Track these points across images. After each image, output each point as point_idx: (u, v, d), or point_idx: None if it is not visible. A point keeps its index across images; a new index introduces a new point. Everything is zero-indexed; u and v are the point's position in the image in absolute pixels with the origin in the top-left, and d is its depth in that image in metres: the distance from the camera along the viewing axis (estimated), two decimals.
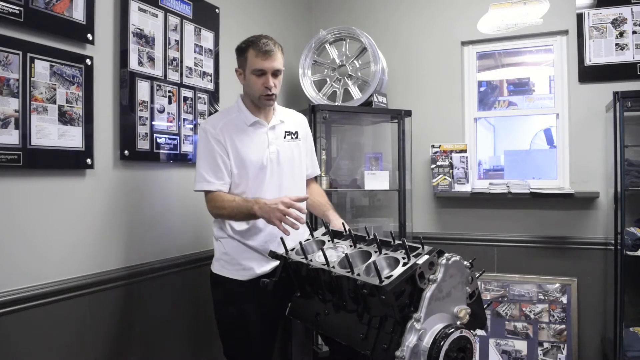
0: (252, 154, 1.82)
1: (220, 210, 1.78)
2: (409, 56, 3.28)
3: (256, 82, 1.79)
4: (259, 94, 1.80)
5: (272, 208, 1.63)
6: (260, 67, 1.77)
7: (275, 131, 1.90)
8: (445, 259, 1.21)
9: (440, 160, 3.10)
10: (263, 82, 1.78)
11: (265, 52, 1.76)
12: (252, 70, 1.78)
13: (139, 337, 2.03)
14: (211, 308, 1.90)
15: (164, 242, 2.16)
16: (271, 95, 1.81)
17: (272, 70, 1.78)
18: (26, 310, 1.58)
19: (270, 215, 1.63)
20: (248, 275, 1.81)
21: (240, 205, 1.74)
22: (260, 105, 1.85)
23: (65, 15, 1.70)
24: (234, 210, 1.75)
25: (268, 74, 1.78)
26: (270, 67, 1.77)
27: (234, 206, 1.75)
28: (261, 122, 1.86)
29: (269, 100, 1.83)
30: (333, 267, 1.34)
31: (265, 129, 1.87)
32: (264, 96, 1.80)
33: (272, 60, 1.77)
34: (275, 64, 1.79)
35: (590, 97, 2.85)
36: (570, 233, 2.92)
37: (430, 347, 1.12)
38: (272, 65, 1.78)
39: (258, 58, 1.76)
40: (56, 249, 1.71)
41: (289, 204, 1.64)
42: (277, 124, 1.90)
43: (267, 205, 1.65)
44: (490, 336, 2.96)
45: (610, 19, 2.82)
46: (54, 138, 1.67)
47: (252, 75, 1.79)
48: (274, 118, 1.90)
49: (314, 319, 1.46)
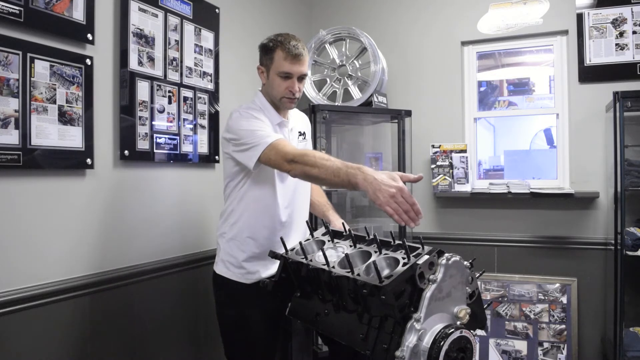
0: None
1: (310, 168, 1.47)
2: (408, 56, 3.28)
3: (280, 85, 1.73)
4: (281, 96, 1.75)
5: (382, 188, 1.31)
6: (288, 71, 1.70)
7: (293, 132, 1.88)
8: (445, 259, 1.21)
9: (440, 160, 3.10)
10: (288, 86, 1.72)
11: (295, 55, 1.69)
12: (279, 72, 1.72)
13: (139, 337, 2.03)
14: (212, 308, 1.89)
15: (164, 242, 2.16)
16: (294, 99, 1.77)
17: (299, 74, 1.73)
18: (26, 310, 1.58)
19: (380, 197, 1.31)
20: (253, 278, 1.77)
21: (337, 167, 1.43)
22: (281, 107, 1.81)
23: (65, 15, 1.70)
24: (327, 170, 1.44)
25: (294, 78, 1.72)
26: (298, 71, 1.72)
27: (330, 165, 1.44)
28: (285, 123, 1.83)
29: (291, 104, 1.78)
30: (333, 267, 1.33)
31: (287, 130, 1.84)
32: (286, 99, 1.75)
33: (300, 65, 1.72)
34: (303, 69, 1.73)
35: (590, 97, 2.85)
36: (570, 233, 2.92)
37: (430, 347, 1.12)
38: (299, 70, 1.72)
39: (286, 61, 1.69)
40: (56, 249, 1.71)
41: (412, 201, 1.31)
42: (293, 126, 1.89)
43: (375, 182, 1.32)
44: (490, 336, 2.96)
45: (610, 19, 2.82)
46: (54, 138, 1.67)
47: (277, 77, 1.73)
48: (291, 119, 1.89)
49: (314, 319, 1.46)
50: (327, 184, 1.51)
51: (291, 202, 1.82)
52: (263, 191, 1.76)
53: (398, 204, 1.29)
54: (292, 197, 1.82)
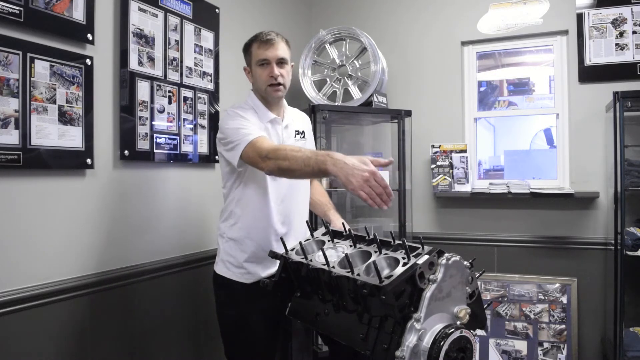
0: None
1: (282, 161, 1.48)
2: (408, 56, 3.28)
3: (262, 74, 1.77)
4: (265, 84, 1.77)
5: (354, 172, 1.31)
6: (264, 57, 1.75)
7: (288, 130, 1.89)
8: (445, 259, 1.21)
9: (440, 160, 3.10)
10: (268, 72, 1.75)
11: (267, 41, 1.75)
12: (256, 62, 1.77)
13: (138, 337, 2.03)
14: (212, 308, 1.89)
15: (164, 242, 2.16)
16: (277, 86, 1.77)
17: (276, 58, 1.76)
18: (26, 310, 1.58)
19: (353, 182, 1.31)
20: (253, 278, 1.78)
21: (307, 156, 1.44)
22: (268, 98, 1.81)
23: (65, 15, 1.70)
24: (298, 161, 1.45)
25: (272, 63, 1.75)
26: (273, 55, 1.75)
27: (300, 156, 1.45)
28: (277, 120, 1.84)
29: (277, 91, 1.78)
30: (333, 267, 1.33)
31: (281, 127, 1.85)
32: (269, 86, 1.76)
33: (274, 49, 1.75)
34: (279, 53, 1.76)
35: (590, 97, 2.85)
36: (570, 233, 2.92)
37: (430, 347, 1.12)
38: (275, 54, 1.75)
39: (260, 49, 1.76)
40: (56, 249, 1.71)
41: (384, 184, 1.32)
42: (289, 123, 1.90)
43: (346, 167, 1.33)
44: (490, 336, 2.96)
45: (610, 19, 2.82)
46: (54, 138, 1.67)
47: (258, 68, 1.78)
48: (286, 116, 1.89)
49: (314, 319, 1.46)
50: (300, 174, 1.53)
51: (285, 201, 1.82)
52: (257, 191, 1.77)
53: (372, 188, 1.30)
54: (286, 196, 1.81)
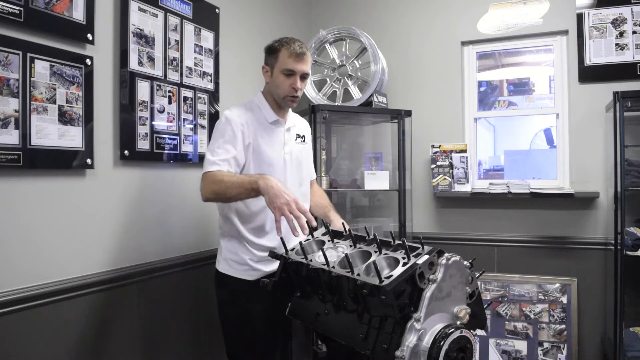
0: (271, 152, 1.83)
1: (217, 185, 1.64)
2: (408, 56, 3.28)
3: (284, 82, 1.81)
4: (284, 94, 1.83)
5: (282, 194, 1.52)
6: (292, 68, 1.79)
7: (290, 133, 1.93)
8: (445, 259, 1.21)
9: (440, 160, 3.10)
10: (291, 83, 1.81)
11: (299, 54, 1.79)
12: (282, 70, 1.80)
13: (140, 337, 2.03)
14: (213, 308, 1.90)
15: (165, 242, 2.16)
16: (296, 98, 1.84)
17: (302, 72, 1.82)
18: (26, 310, 1.58)
19: (276, 201, 1.51)
20: (257, 275, 1.80)
21: (241, 178, 1.64)
22: (282, 105, 1.87)
23: (65, 15, 1.70)
24: (233, 183, 1.62)
25: (297, 76, 1.81)
26: (300, 69, 1.81)
27: (235, 179, 1.63)
28: (280, 122, 1.89)
29: (293, 102, 1.86)
30: (333, 267, 1.33)
31: (282, 129, 1.90)
32: (289, 97, 1.83)
33: (303, 63, 1.81)
34: (306, 68, 1.83)
35: (590, 97, 2.85)
36: (570, 233, 2.92)
37: (430, 347, 1.12)
38: (302, 68, 1.81)
39: (290, 59, 1.79)
40: (56, 249, 1.71)
41: (303, 210, 1.53)
42: (291, 126, 1.94)
43: (277, 187, 1.54)
44: (490, 336, 2.96)
45: (610, 19, 2.82)
46: (54, 138, 1.67)
47: (281, 75, 1.81)
48: (289, 120, 1.94)
49: (314, 319, 1.46)
50: (233, 195, 1.65)
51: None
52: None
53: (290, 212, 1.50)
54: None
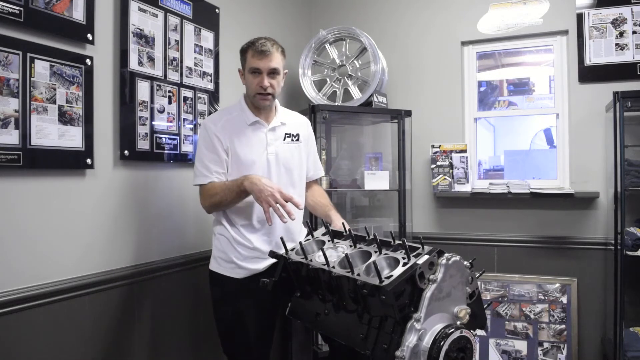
0: (250, 154, 1.83)
1: (213, 197, 1.77)
2: (408, 56, 3.28)
3: (252, 82, 1.84)
4: (254, 92, 1.84)
5: (265, 188, 1.63)
6: (256, 66, 1.81)
7: (276, 132, 1.91)
8: (445, 259, 1.21)
9: (440, 160, 3.10)
10: (258, 82, 1.82)
11: (261, 52, 1.80)
12: (249, 69, 1.83)
13: (139, 336, 2.03)
14: (210, 307, 1.90)
15: (165, 242, 2.16)
16: (266, 95, 1.83)
17: (268, 69, 1.81)
18: (26, 310, 1.58)
19: (261, 195, 1.62)
20: (243, 273, 1.82)
21: (230, 185, 1.74)
22: (256, 105, 1.88)
23: (65, 15, 1.70)
24: (225, 191, 1.74)
25: (263, 74, 1.81)
26: (265, 66, 1.81)
27: (225, 187, 1.75)
28: (261, 123, 1.88)
29: (264, 101, 1.85)
30: (333, 267, 1.34)
31: (264, 130, 1.88)
32: (258, 95, 1.84)
33: (267, 60, 1.80)
34: (272, 64, 1.82)
35: (590, 97, 2.85)
36: (570, 233, 2.92)
37: (430, 347, 1.12)
38: (267, 65, 1.81)
39: (254, 58, 1.81)
40: (56, 249, 1.71)
41: (287, 197, 1.64)
42: (277, 126, 1.92)
43: (260, 183, 1.64)
44: (490, 336, 2.96)
45: (610, 19, 2.81)
46: (54, 138, 1.67)
47: (249, 75, 1.84)
48: (275, 119, 1.92)
49: (314, 319, 1.46)
50: (228, 201, 1.76)
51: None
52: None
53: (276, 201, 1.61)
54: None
